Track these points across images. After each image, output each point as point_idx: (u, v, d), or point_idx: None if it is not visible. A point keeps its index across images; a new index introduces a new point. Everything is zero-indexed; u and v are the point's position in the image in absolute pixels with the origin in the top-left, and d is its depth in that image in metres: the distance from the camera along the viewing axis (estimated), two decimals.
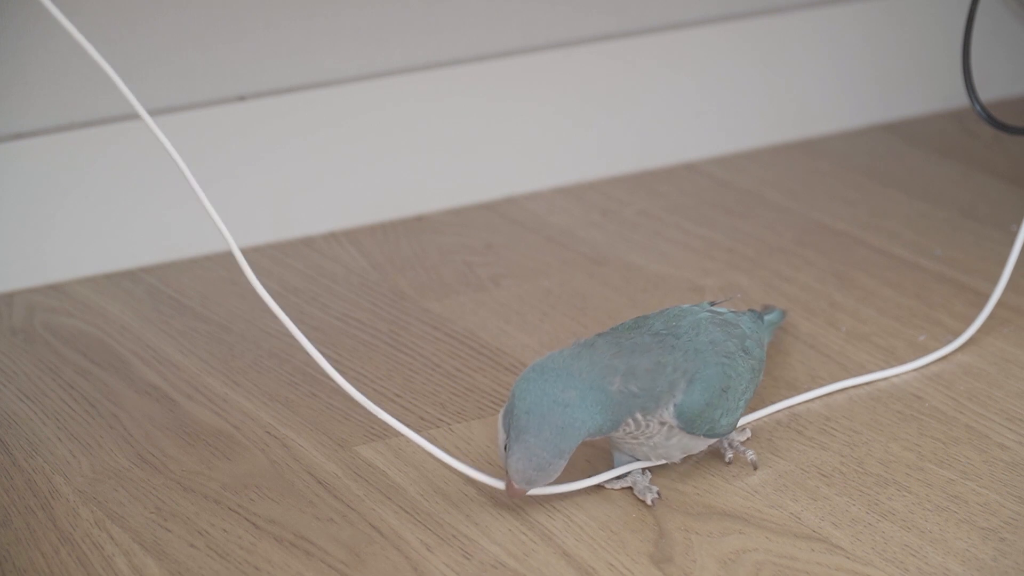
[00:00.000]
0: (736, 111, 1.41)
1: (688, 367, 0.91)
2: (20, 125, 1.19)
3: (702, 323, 0.94)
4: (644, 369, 0.90)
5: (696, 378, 0.91)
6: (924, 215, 1.29)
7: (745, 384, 0.94)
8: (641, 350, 0.91)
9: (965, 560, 0.87)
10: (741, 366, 0.94)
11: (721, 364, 0.92)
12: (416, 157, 1.30)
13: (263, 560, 0.88)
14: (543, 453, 0.88)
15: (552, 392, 0.89)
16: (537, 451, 0.88)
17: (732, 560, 0.87)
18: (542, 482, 0.89)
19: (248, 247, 1.26)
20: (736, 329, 0.95)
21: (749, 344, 0.95)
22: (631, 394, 0.89)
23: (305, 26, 1.26)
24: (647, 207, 1.32)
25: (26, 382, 1.07)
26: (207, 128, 1.24)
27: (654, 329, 0.93)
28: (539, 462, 0.88)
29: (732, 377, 0.92)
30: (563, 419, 0.88)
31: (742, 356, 0.94)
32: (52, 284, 1.20)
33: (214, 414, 1.03)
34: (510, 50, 1.33)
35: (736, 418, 0.94)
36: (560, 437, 0.88)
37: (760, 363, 0.96)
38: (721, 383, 0.92)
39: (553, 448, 0.88)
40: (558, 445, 0.88)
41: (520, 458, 0.88)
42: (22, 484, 0.96)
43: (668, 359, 0.91)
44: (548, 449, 0.88)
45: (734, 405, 0.93)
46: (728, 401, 0.92)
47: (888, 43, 1.46)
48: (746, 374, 0.94)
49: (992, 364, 1.06)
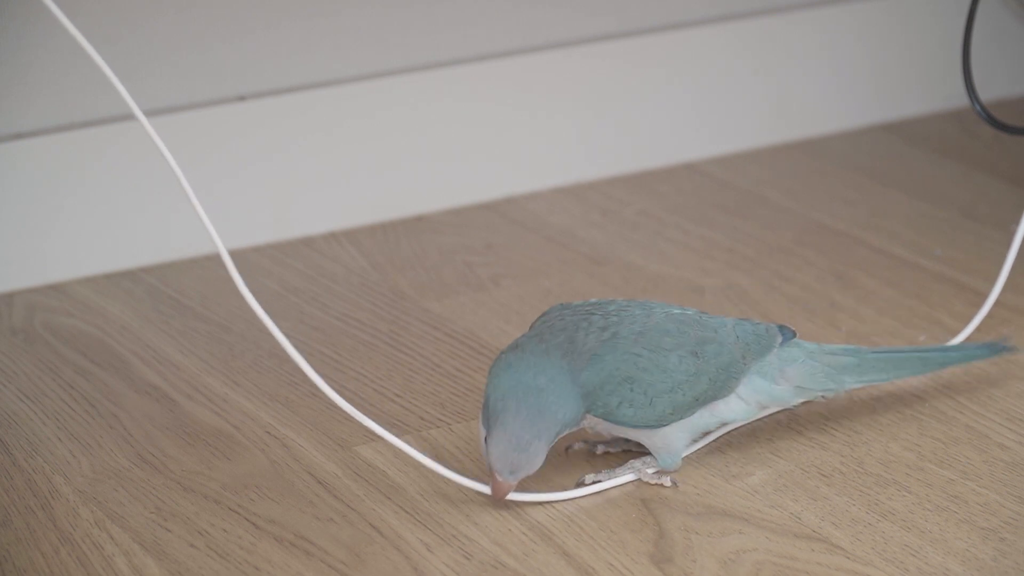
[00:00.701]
0: (736, 111, 1.41)
1: (594, 348, 0.91)
2: (20, 125, 1.19)
3: (651, 314, 0.93)
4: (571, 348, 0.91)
5: (594, 359, 0.91)
6: (924, 215, 1.29)
7: (673, 384, 0.92)
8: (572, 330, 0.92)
9: (965, 560, 0.87)
10: (672, 364, 0.92)
11: (634, 355, 0.91)
12: (416, 157, 1.30)
13: (263, 560, 0.88)
14: (523, 434, 0.88)
15: (525, 379, 0.89)
16: (516, 431, 0.88)
17: (732, 560, 0.87)
18: (525, 467, 0.89)
19: (248, 247, 1.26)
20: (701, 331, 0.93)
21: (709, 348, 0.93)
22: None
23: (305, 26, 1.26)
24: (647, 207, 1.32)
25: (26, 382, 1.07)
26: (207, 128, 1.24)
27: (604, 310, 0.93)
28: (519, 442, 0.88)
29: (645, 370, 0.91)
30: (539, 402, 0.89)
31: (684, 356, 0.92)
32: (52, 284, 1.20)
33: (214, 414, 1.03)
34: (510, 50, 1.33)
35: (653, 414, 0.92)
36: (538, 418, 0.89)
37: (721, 371, 0.93)
38: (623, 372, 0.91)
39: (532, 428, 0.89)
40: (536, 426, 0.89)
41: (499, 441, 0.89)
42: (22, 484, 0.96)
43: (586, 339, 0.91)
44: (527, 429, 0.88)
45: (643, 400, 0.91)
46: (632, 394, 0.91)
47: (888, 43, 1.46)
48: (680, 375, 0.92)
49: (992, 364, 1.06)
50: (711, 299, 1.16)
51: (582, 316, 0.93)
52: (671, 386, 0.92)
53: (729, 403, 0.95)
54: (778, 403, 0.96)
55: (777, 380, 0.95)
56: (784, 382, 0.96)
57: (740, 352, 0.94)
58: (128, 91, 1.23)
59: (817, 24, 1.42)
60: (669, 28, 1.38)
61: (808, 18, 1.42)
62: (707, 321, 0.94)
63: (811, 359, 0.96)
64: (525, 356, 0.91)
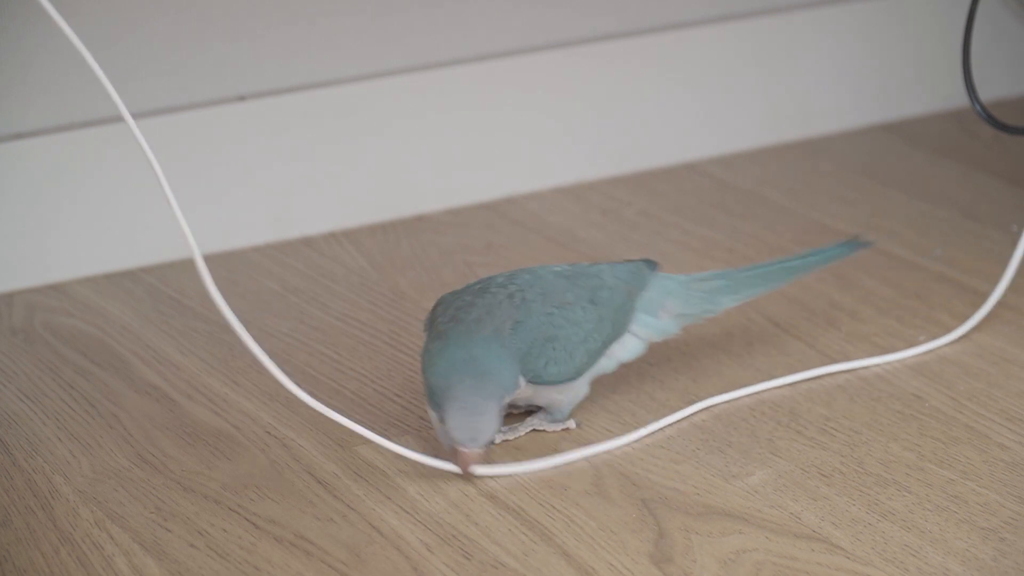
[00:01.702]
0: (736, 111, 1.41)
1: (513, 315, 0.94)
2: (20, 125, 1.19)
3: (542, 276, 0.97)
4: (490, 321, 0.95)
5: (516, 324, 0.94)
6: (924, 215, 1.29)
7: (584, 335, 0.96)
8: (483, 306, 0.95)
9: (965, 560, 0.87)
10: (579, 316, 0.96)
11: (547, 315, 0.95)
12: (416, 157, 1.30)
13: (263, 560, 0.88)
14: (474, 399, 0.92)
15: (459, 356, 0.93)
16: (468, 400, 0.92)
17: (732, 560, 0.87)
18: (484, 431, 0.92)
19: (248, 247, 1.26)
20: (589, 280, 0.98)
21: (603, 294, 0.98)
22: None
23: (305, 26, 1.26)
24: (647, 207, 1.32)
25: (26, 382, 1.07)
26: (207, 128, 1.24)
27: (497, 283, 0.97)
28: (474, 408, 0.91)
29: (561, 327, 0.95)
30: (479, 370, 0.92)
31: (586, 306, 0.97)
32: (52, 284, 1.20)
33: (214, 414, 1.03)
34: (510, 50, 1.33)
35: (573, 367, 0.96)
36: (483, 384, 0.92)
37: (615, 311, 0.98)
38: (544, 332, 0.94)
39: (481, 393, 0.92)
40: (484, 390, 0.92)
41: (455, 414, 0.92)
42: (22, 484, 0.96)
43: (501, 310, 0.95)
44: (477, 395, 0.92)
45: (565, 356, 0.95)
46: (555, 352, 0.95)
47: (888, 43, 1.46)
48: (587, 324, 0.96)
49: (992, 364, 1.06)
50: None
51: (480, 294, 0.96)
52: (583, 336, 0.96)
53: (624, 343, 1.00)
54: (663, 334, 1.01)
55: (659, 314, 1.01)
56: (665, 314, 1.01)
57: (626, 292, 0.99)
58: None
59: (817, 24, 1.42)
60: (669, 28, 1.38)
61: (808, 18, 1.42)
62: (589, 270, 0.99)
63: (685, 288, 1.02)
64: (450, 339, 0.94)
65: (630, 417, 1.01)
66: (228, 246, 1.26)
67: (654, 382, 1.05)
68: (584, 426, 1.00)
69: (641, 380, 1.05)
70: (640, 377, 1.05)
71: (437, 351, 0.94)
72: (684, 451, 0.98)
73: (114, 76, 1.21)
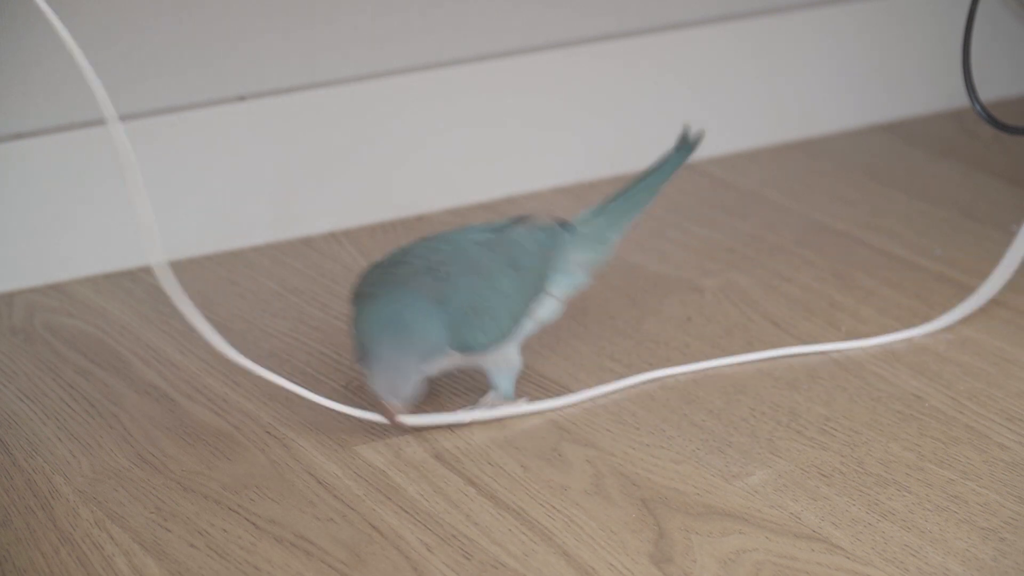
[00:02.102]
0: (736, 111, 1.41)
1: (438, 289, 0.97)
2: (20, 125, 1.19)
3: (463, 248, 1.00)
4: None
5: (441, 300, 0.97)
6: (924, 215, 1.29)
7: (508, 300, 0.99)
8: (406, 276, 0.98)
9: (965, 560, 0.87)
10: (503, 284, 0.99)
11: (472, 287, 0.98)
12: (416, 157, 1.30)
13: (263, 560, 0.88)
14: (395, 356, 0.96)
15: (385, 313, 0.96)
16: (391, 358, 0.96)
17: (732, 560, 0.87)
18: (407, 388, 0.96)
19: (248, 247, 1.26)
20: (510, 247, 1.01)
21: (523, 259, 1.01)
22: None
23: (305, 26, 1.26)
24: (647, 207, 1.32)
25: (26, 382, 1.07)
26: (207, 128, 1.24)
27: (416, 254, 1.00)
28: (395, 366, 0.96)
29: (486, 298, 0.98)
30: (404, 327, 0.96)
31: (508, 273, 1.00)
32: (52, 284, 1.20)
33: (214, 414, 1.03)
34: (510, 50, 1.33)
35: (500, 333, 0.99)
36: (407, 341, 0.96)
37: (535, 274, 1.01)
38: (471, 304, 0.98)
39: (405, 351, 0.96)
40: (408, 348, 0.96)
41: (379, 371, 0.96)
42: (22, 484, 0.96)
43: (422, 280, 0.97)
44: (400, 353, 0.96)
45: (492, 324, 0.99)
46: (482, 321, 0.98)
47: (888, 43, 1.46)
48: (510, 289, 1.00)
49: (992, 364, 1.06)
50: (711, 299, 1.16)
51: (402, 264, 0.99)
52: (508, 303, 1.00)
53: (544, 304, 1.03)
54: (577, 288, 1.05)
55: (570, 270, 1.04)
56: (575, 267, 1.04)
57: (544, 255, 1.02)
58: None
59: (817, 24, 1.42)
60: (669, 28, 1.38)
61: (808, 18, 1.42)
62: (507, 236, 1.02)
63: (580, 240, 1.05)
64: (379, 298, 0.97)
65: (630, 417, 1.01)
66: (228, 246, 1.26)
67: (653, 381, 1.05)
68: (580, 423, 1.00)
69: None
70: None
71: (365, 311, 0.97)
72: (684, 451, 0.98)
73: (115, 76, 1.21)
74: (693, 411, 1.02)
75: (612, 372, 1.06)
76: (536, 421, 1.01)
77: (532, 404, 1.02)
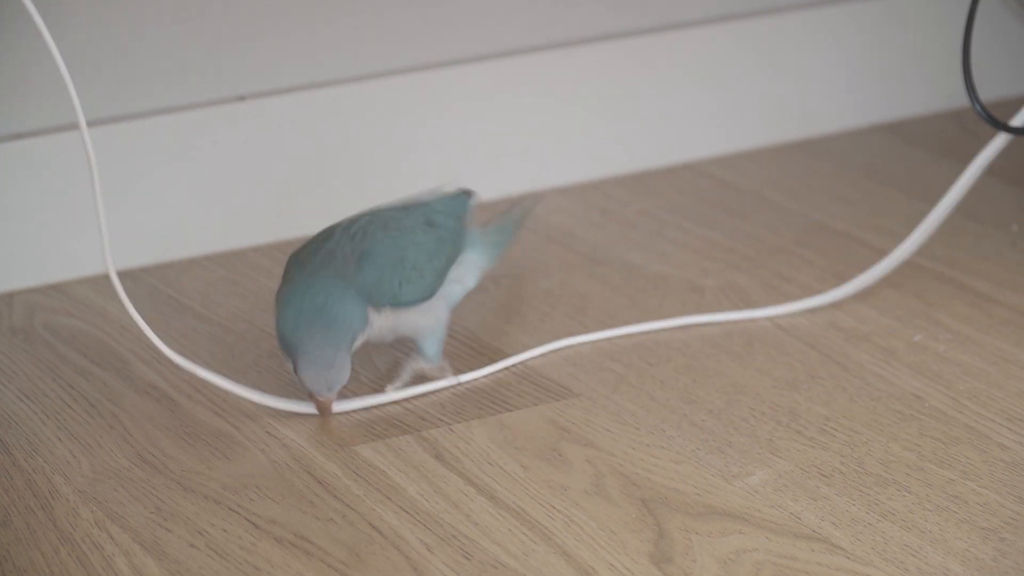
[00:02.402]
0: (736, 111, 1.41)
1: (358, 249, 1.00)
2: (20, 125, 1.19)
3: (380, 212, 1.04)
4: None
5: (364, 255, 1.00)
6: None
7: (429, 254, 1.02)
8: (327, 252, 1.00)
9: (965, 560, 0.87)
10: (421, 238, 1.02)
11: (392, 240, 1.01)
12: (416, 157, 1.30)
13: (263, 560, 0.88)
14: (324, 351, 0.97)
15: (305, 304, 0.98)
16: (318, 352, 0.97)
17: (732, 560, 0.87)
18: (338, 380, 0.98)
19: (248, 247, 1.26)
20: (421, 207, 1.05)
21: (437, 218, 1.05)
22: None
23: (305, 26, 1.26)
24: (647, 207, 1.32)
25: (26, 382, 1.07)
26: (207, 128, 1.24)
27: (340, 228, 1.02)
28: (325, 361, 0.97)
29: (406, 248, 1.01)
30: (327, 318, 0.98)
31: (425, 229, 1.03)
32: (52, 284, 1.20)
33: (214, 414, 1.03)
34: (510, 50, 1.33)
35: (426, 285, 1.02)
36: (331, 333, 0.97)
37: (451, 233, 1.05)
38: (393, 255, 1.01)
39: (330, 344, 0.97)
40: (333, 340, 0.97)
41: (308, 366, 0.97)
42: (22, 484, 0.96)
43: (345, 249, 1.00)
44: (326, 346, 0.97)
45: (416, 275, 1.01)
46: (405, 270, 1.01)
47: (888, 43, 1.46)
48: (429, 244, 1.03)
49: (992, 364, 1.06)
50: (711, 299, 1.16)
51: (324, 241, 1.02)
52: (428, 255, 1.02)
53: (465, 265, 1.06)
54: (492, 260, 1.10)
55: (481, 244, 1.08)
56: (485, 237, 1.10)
57: (456, 217, 1.07)
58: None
59: (817, 24, 1.42)
60: (669, 28, 1.38)
61: (808, 18, 1.42)
62: (421, 203, 1.06)
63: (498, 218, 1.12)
64: (297, 286, 0.99)
65: (630, 418, 1.01)
66: (228, 246, 1.26)
67: (654, 382, 1.05)
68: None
69: (642, 380, 1.05)
70: (640, 377, 1.06)
71: (285, 300, 0.99)
72: (684, 451, 0.98)
73: (115, 76, 1.22)
74: (693, 411, 1.02)
75: (612, 372, 1.06)
76: (536, 421, 1.01)
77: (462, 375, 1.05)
